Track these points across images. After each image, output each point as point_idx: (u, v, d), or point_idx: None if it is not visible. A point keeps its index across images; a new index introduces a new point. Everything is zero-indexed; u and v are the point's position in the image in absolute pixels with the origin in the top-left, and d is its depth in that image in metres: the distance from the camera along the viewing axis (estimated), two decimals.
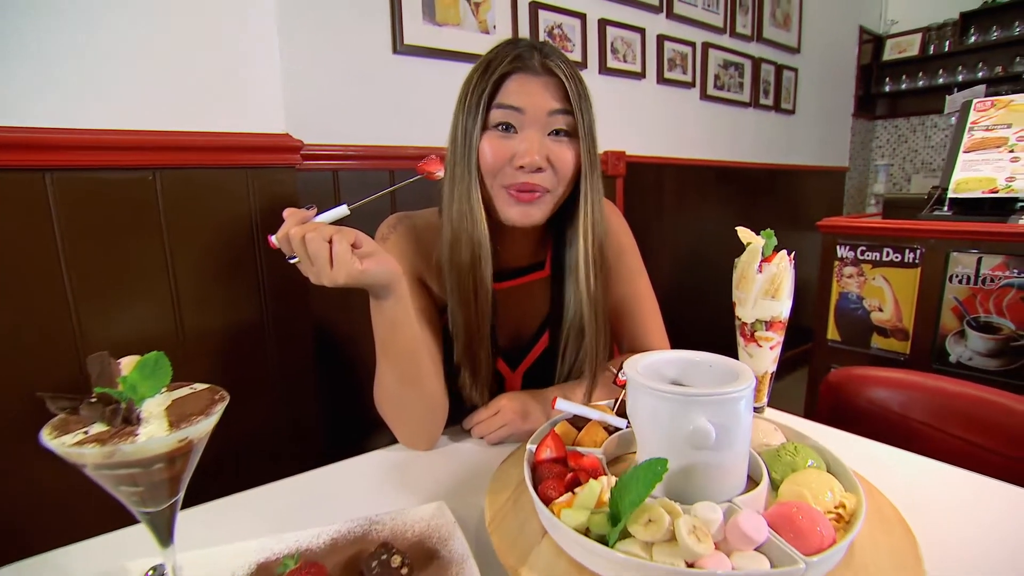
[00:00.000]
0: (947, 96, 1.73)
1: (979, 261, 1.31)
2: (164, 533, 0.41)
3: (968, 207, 1.42)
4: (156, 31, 0.95)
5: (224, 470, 1.10)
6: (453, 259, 0.76)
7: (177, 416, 0.38)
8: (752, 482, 0.52)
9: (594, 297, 0.79)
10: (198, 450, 0.40)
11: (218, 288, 1.08)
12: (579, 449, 0.57)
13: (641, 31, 2.07)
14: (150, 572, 0.47)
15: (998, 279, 1.29)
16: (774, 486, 0.52)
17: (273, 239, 0.63)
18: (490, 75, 0.71)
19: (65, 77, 0.87)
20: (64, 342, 0.91)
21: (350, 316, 1.43)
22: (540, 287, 0.87)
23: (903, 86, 3.66)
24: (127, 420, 0.37)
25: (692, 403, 0.45)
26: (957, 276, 1.34)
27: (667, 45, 2.18)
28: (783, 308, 0.68)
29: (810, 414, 1.70)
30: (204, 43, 1.00)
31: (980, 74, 3.40)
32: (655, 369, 0.54)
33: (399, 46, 1.46)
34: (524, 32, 1.73)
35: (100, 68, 0.90)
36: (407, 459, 0.73)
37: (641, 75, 2.12)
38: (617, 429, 0.61)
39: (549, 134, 0.73)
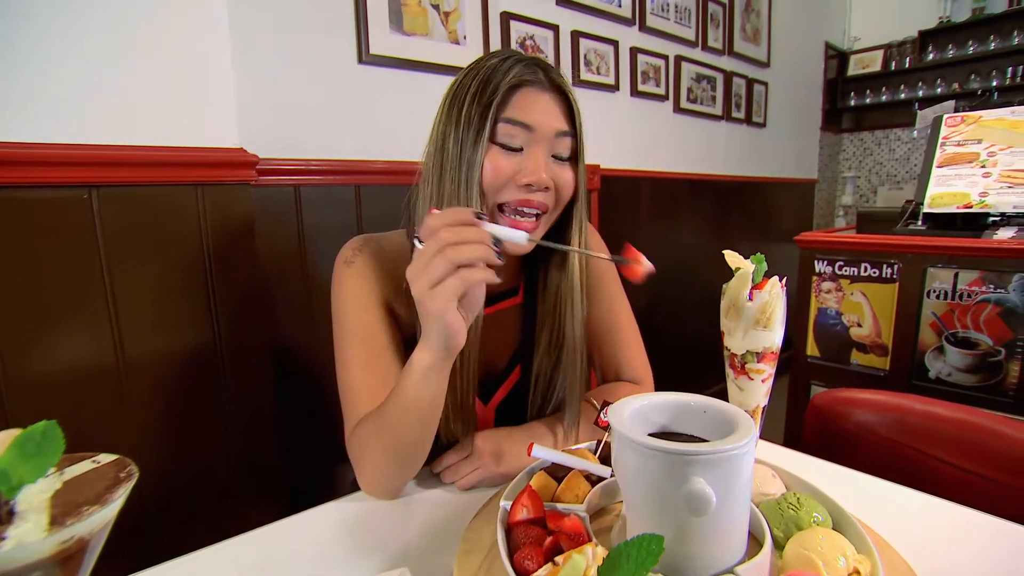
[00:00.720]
0: (918, 111, 1.74)
1: (956, 276, 1.30)
2: None
3: (942, 222, 1.41)
4: (94, 36, 0.86)
5: (172, 512, 1.01)
6: None
7: (63, 508, 0.30)
8: (753, 541, 0.47)
9: (582, 328, 0.75)
10: (96, 545, 0.32)
11: (165, 313, 0.99)
12: (559, 507, 0.51)
13: (614, 43, 2.05)
14: None
15: (975, 294, 1.28)
16: (777, 545, 0.47)
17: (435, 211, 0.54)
18: (494, 87, 0.65)
19: None
20: None
21: (313, 339, 1.35)
22: (513, 315, 0.81)
23: (867, 100, 3.76)
24: None
25: (688, 463, 0.40)
26: (935, 291, 1.33)
27: (640, 58, 2.17)
28: (776, 338, 0.63)
29: (791, 435, 1.69)
30: (149, 50, 0.92)
31: (939, 90, 3.50)
32: (643, 415, 0.48)
33: (365, 56, 1.40)
34: (496, 43, 1.68)
35: (24, 75, 0.81)
36: (370, 511, 0.66)
37: (615, 87, 2.10)
38: (601, 478, 0.55)
39: (552, 156, 0.69)
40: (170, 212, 0.98)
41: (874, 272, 1.41)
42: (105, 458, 0.36)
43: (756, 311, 0.62)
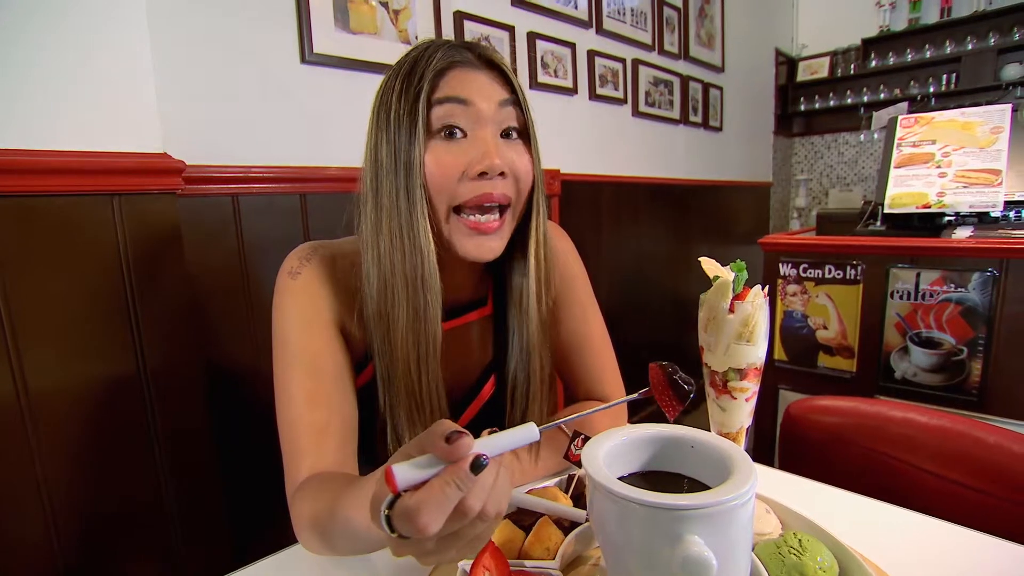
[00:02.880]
0: (873, 113, 1.77)
1: (918, 276, 1.30)
2: None
3: (900, 222, 1.42)
4: None
5: (97, 560, 0.89)
6: (384, 309, 0.60)
7: None
8: None
9: (544, 332, 0.68)
10: None
11: (77, 340, 0.87)
12: (527, 565, 0.43)
13: (571, 46, 2.01)
14: None
15: (937, 294, 1.28)
16: None
17: (397, 476, 0.32)
18: (420, 76, 0.57)
19: None
20: None
21: (257, 359, 1.23)
22: (483, 326, 0.74)
23: (816, 105, 3.86)
24: None
25: (681, 520, 0.33)
26: (898, 292, 1.33)
27: (598, 61, 2.14)
28: (760, 353, 0.58)
29: (760, 441, 1.66)
30: (52, 42, 0.81)
31: (883, 95, 3.63)
32: (622, 453, 0.41)
33: (308, 55, 1.30)
34: None
35: None
36: (314, 567, 0.57)
37: (573, 91, 2.05)
38: (575, 524, 0.48)
39: (501, 135, 0.60)
40: (81, 225, 0.87)
41: (838, 274, 1.40)
42: None
43: (738, 324, 0.56)
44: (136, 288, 0.92)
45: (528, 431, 0.35)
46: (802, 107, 3.91)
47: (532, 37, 1.86)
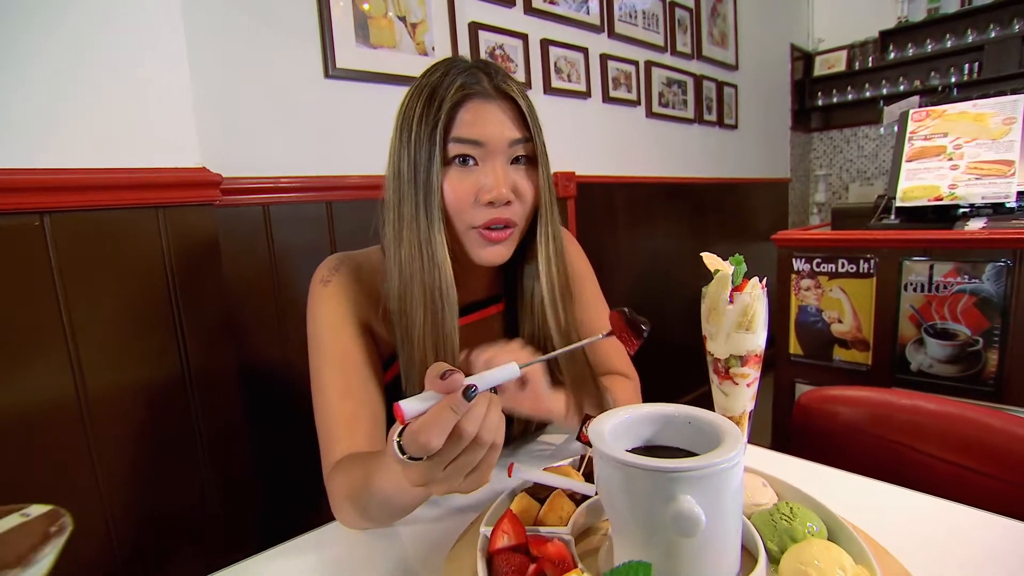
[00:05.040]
0: (884, 107, 1.77)
1: (931, 268, 1.31)
2: None
3: (914, 215, 1.43)
4: (44, 58, 0.83)
5: (147, 550, 0.96)
6: (404, 308, 0.67)
7: None
8: (747, 555, 0.45)
9: (565, 332, 0.73)
10: None
11: (129, 343, 0.94)
12: (542, 531, 0.48)
13: (584, 51, 2.05)
14: None
15: (951, 286, 1.29)
16: (772, 559, 0.45)
17: (404, 409, 0.39)
18: (438, 105, 0.63)
19: None
20: None
21: (287, 361, 1.30)
22: (496, 322, 0.80)
23: (834, 99, 3.83)
24: None
25: (674, 480, 0.37)
26: (912, 284, 1.34)
27: (611, 64, 2.18)
28: (759, 341, 0.62)
29: (777, 434, 1.68)
30: (102, 70, 0.89)
31: (902, 87, 3.59)
32: (625, 429, 0.46)
33: (331, 70, 1.37)
34: (464, 53, 1.67)
35: None
36: (348, 542, 0.62)
37: (587, 94, 2.10)
38: (585, 497, 0.53)
39: (511, 162, 0.67)
40: (130, 237, 0.94)
41: (851, 268, 1.41)
42: (37, 510, 0.33)
43: (738, 314, 0.60)
44: (180, 294, 0.99)
45: (510, 369, 0.41)
46: (820, 102, 3.88)
47: (545, 44, 1.91)
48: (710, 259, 0.64)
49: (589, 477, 0.56)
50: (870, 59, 3.72)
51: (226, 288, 1.07)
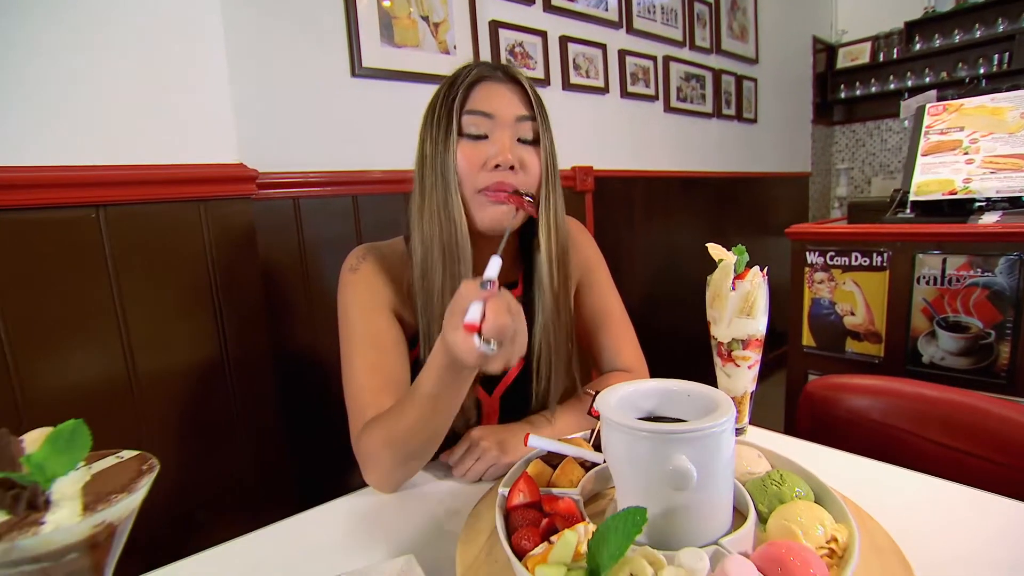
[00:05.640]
0: (901, 102, 1.77)
1: (944, 262, 1.32)
2: None
3: (929, 209, 1.44)
4: (96, 64, 0.90)
5: (186, 522, 1.04)
6: (426, 275, 0.73)
7: (94, 496, 0.33)
8: (739, 515, 0.50)
9: (559, 309, 0.78)
10: (123, 531, 0.35)
11: (174, 327, 1.02)
12: (554, 491, 0.53)
13: (602, 47, 2.08)
14: None
15: (963, 279, 1.31)
16: (761, 519, 0.49)
17: (475, 319, 0.50)
18: (457, 87, 0.72)
19: None
20: (2, 398, 0.84)
21: (316, 346, 1.38)
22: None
23: (857, 92, 3.78)
24: (32, 506, 0.32)
25: (669, 441, 0.42)
26: (924, 277, 1.36)
27: (629, 60, 2.20)
28: (759, 326, 0.66)
29: (790, 424, 1.71)
30: (149, 73, 0.96)
31: (928, 79, 3.53)
32: (630, 402, 0.51)
33: (358, 69, 1.43)
34: (485, 50, 1.72)
35: (34, 102, 0.85)
36: (376, 504, 0.69)
37: (605, 90, 2.13)
38: (594, 465, 0.58)
39: (518, 140, 0.73)
40: (175, 228, 1.01)
41: (864, 261, 1.43)
42: (128, 454, 0.39)
43: (739, 300, 0.65)
44: (219, 282, 1.06)
45: (495, 261, 0.54)
46: (842, 94, 3.83)
47: (564, 41, 1.95)
48: (715, 249, 0.69)
49: (598, 449, 0.61)
50: (895, 50, 3.66)
51: (260, 277, 1.14)
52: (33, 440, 0.34)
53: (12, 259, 0.85)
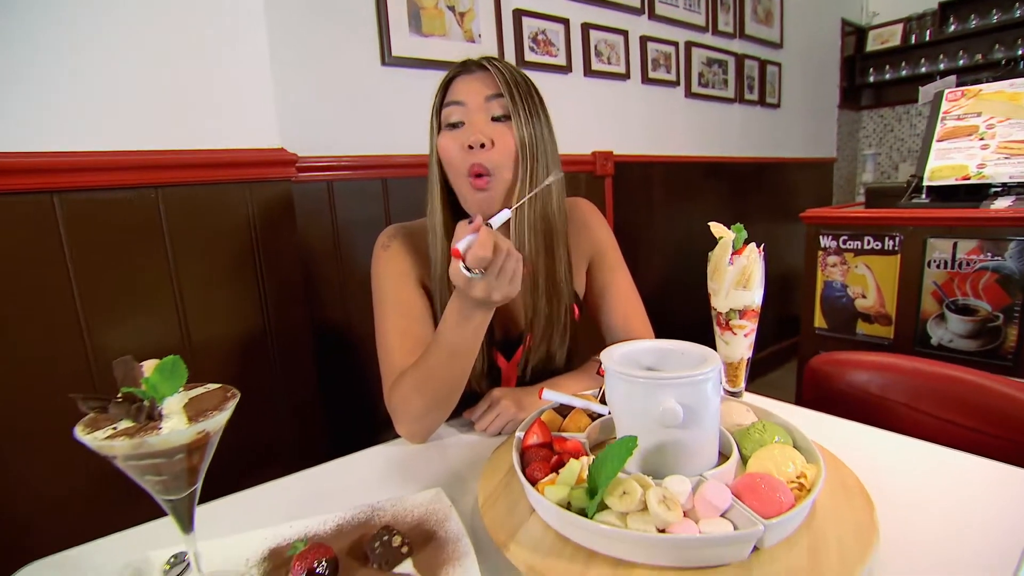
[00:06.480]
0: (919, 87, 1.78)
1: (955, 246, 1.35)
2: (185, 520, 0.45)
3: (943, 194, 1.46)
4: (153, 56, 0.99)
5: (235, 470, 1.15)
6: (433, 257, 0.83)
7: (195, 412, 0.42)
8: (724, 458, 0.57)
9: (546, 277, 0.85)
10: (213, 442, 0.44)
11: (221, 297, 1.12)
12: (563, 435, 0.61)
13: (624, 33, 2.12)
14: (171, 559, 0.51)
15: (973, 263, 1.33)
16: (743, 461, 0.56)
17: (461, 248, 0.58)
18: (439, 87, 0.82)
19: (65, 103, 0.92)
20: (76, 354, 0.95)
21: (348, 320, 1.47)
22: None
23: (887, 76, 3.71)
24: (150, 416, 0.41)
25: (661, 386, 0.50)
26: (935, 261, 1.39)
27: (650, 46, 2.23)
28: (755, 297, 0.72)
29: (799, 401, 1.75)
30: (200, 65, 1.05)
31: (961, 62, 3.45)
32: (632, 358, 0.58)
33: (387, 58, 1.51)
34: (509, 39, 1.78)
35: (99, 93, 0.94)
36: (407, 453, 0.78)
37: (626, 76, 2.16)
38: (600, 416, 0.65)
39: (492, 120, 0.79)
40: (223, 208, 1.11)
41: (877, 245, 1.47)
42: (212, 386, 0.48)
43: (736, 273, 0.71)
44: (263, 258, 1.16)
45: (504, 212, 0.64)
46: (871, 78, 3.77)
47: (586, 28, 1.99)
48: (716, 227, 0.75)
49: (604, 403, 0.69)
50: (927, 32, 3.58)
51: (298, 255, 1.24)
52: (148, 367, 0.43)
53: (84, 233, 0.95)
